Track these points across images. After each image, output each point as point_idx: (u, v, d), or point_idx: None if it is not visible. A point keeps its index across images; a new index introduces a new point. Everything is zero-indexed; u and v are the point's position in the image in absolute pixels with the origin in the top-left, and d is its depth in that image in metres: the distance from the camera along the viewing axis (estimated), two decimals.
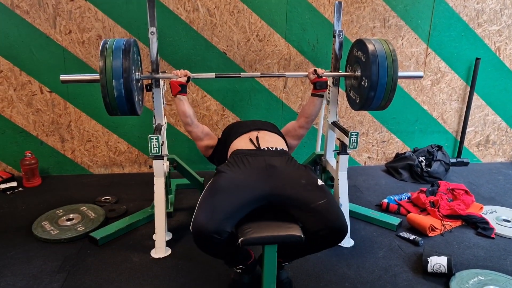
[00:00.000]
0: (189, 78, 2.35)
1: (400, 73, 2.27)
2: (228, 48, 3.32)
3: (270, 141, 2.17)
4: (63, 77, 2.20)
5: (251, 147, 2.09)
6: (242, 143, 2.14)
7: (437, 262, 2.17)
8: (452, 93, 3.72)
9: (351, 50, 2.52)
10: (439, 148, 3.65)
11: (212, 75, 2.50)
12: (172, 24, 3.20)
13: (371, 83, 2.20)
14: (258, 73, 2.48)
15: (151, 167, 2.41)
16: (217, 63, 3.35)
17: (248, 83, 3.43)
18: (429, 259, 2.20)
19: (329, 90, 2.75)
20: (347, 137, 2.34)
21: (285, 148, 2.19)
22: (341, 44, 2.60)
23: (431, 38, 3.52)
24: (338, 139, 2.54)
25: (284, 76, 2.56)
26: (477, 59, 3.56)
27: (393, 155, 3.83)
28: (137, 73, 2.23)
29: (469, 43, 3.57)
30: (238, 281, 2.02)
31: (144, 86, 2.48)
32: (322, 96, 2.47)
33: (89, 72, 3.20)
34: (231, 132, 2.29)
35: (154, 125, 2.57)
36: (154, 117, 2.58)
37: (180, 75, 2.33)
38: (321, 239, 1.79)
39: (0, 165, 3.38)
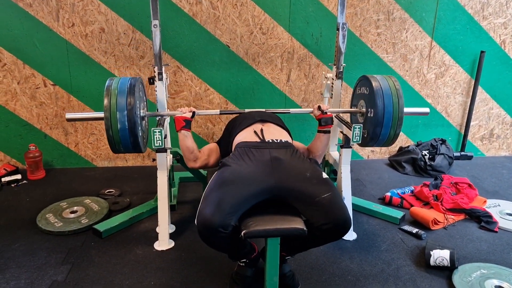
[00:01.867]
0: (194, 113, 2.30)
1: (405, 110, 2.28)
2: (231, 41, 3.31)
3: (274, 133, 2.16)
4: (69, 115, 2.23)
5: (256, 139, 2.08)
6: (246, 135, 2.13)
7: (440, 256, 2.17)
8: (456, 86, 3.70)
9: (355, 87, 2.56)
10: (443, 141, 3.64)
11: (217, 111, 2.49)
12: (175, 17, 3.19)
13: (377, 118, 2.24)
14: (263, 109, 2.46)
15: (154, 160, 2.41)
16: (220, 56, 3.34)
17: (251, 76, 3.42)
18: (432, 253, 2.20)
19: (332, 83, 2.74)
20: (351, 130, 2.34)
21: (290, 141, 2.17)
22: (344, 37, 2.59)
23: (435, 31, 3.49)
24: (341, 132, 2.54)
25: (289, 113, 2.54)
26: (482, 52, 3.54)
27: (396, 148, 3.82)
28: (141, 111, 2.23)
29: (474, 36, 3.54)
30: (241, 274, 2.03)
31: (148, 79, 2.48)
32: (329, 132, 2.34)
33: (91, 65, 3.23)
34: (235, 125, 2.27)
35: (157, 118, 2.57)
36: (157, 110, 2.58)
37: (184, 111, 2.29)
38: (325, 232, 1.79)
39: (5, 158, 3.40)
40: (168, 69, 3.26)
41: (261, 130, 2.14)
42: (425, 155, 3.53)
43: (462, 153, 3.83)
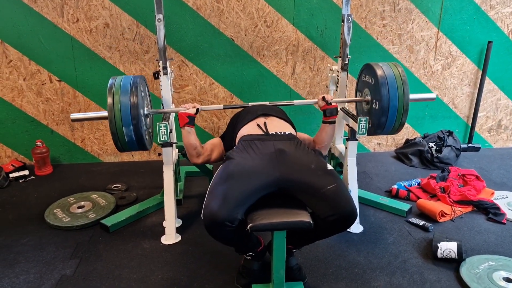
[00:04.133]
0: (197, 110, 2.29)
1: (411, 96, 2.25)
2: (236, 35, 3.30)
3: (278, 126, 2.15)
4: (73, 116, 2.22)
5: (259, 132, 2.07)
6: (250, 128, 2.13)
7: (447, 248, 2.16)
8: (463, 77, 3.66)
9: (359, 75, 2.52)
10: (450, 133, 3.61)
11: (221, 106, 2.48)
12: (179, 11, 3.18)
13: (382, 107, 2.21)
14: (267, 103, 2.45)
15: (160, 154, 2.42)
16: (225, 50, 3.33)
17: (256, 70, 3.41)
18: (439, 245, 2.19)
19: (337, 76, 2.72)
20: (356, 123, 2.33)
21: (293, 133, 2.17)
22: (349, 29, 2.57)
23: (442, 21, 3.45)
24: (347, 125, 2.53)
25: (293, 104, 2.52)
26: (489, 42, 3.50)
27: (403, 141, 3.79)
28: (145, 109, 2.23)
29: (481, 26, 3.50)
30: (248, 267, 2.03)
31: (152, 74, 2.48)
32: (333, 122, 2.35)
33: (97, 60, 3.24)
34: (239, 119, 2.28)
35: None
36: (162, 105, 2.58)
37: (188, 107, 2.29)
38: (331, 224, 1.79)
39: (12, 154, 3.42)
40: (172, 63, 3.26)
41: (265, 123, 2.14)
42: (432, 147, 3.51)
43: (470, 144, 3.79)
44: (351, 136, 2.42)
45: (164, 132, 2.23)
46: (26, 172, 3.25)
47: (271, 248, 1.84)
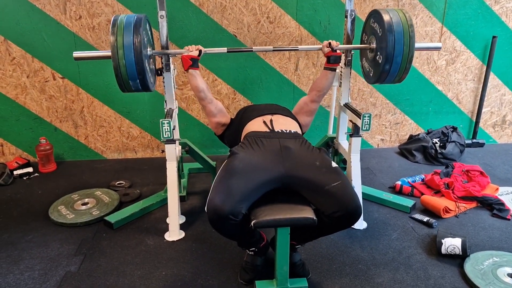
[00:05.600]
0: (200, 51, 2.33)
1: (417, 44, 2.21)
2: (239, 31, 3.29)
3: (284, 123, 2.16)
4: (76, 54, 2.21)
5: (265, 129, 2.08)
6: (255, 125, 2.14)
7: (452, 244, 2.16)
8: (467, 72, 3.64)
9: (366, 20, 2.46)
10: (454, 129, 3.59)
11: (224, 49, 2.48)
12: (181, 7, 3.18)
13: (387, 54, 2.16)
14: (271, 47, 2.48)
15: (163, 151, 2.42)
16: (227, 46, 3.30)
17: (259, 66, 3.40)
18: (443, 241, 2.18)
19: (341, 72, 2.71)
20: (360, 119, 2.32)
21: (299, 131, 2.18)
22: (353, 24, 2.56)
23: (446, 16, 3.43)
24: (351, 121, 2.52)
25: (297, 50, 2.54)
26: (494, 37, 3.47)
27: (407, 137, 3.78)
28: (148, 49, 2.23)
29: (485, 21, 3.47)
30: (251, 263, 2.03)
31: (155, 71, 2.48)
32: (335, 70, 2.43)
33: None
34: (245, 115, 2.28)
35: (166, 110, 2.57)
36: (165, 102, 2.58)
37: (191, 49, 2.32)
38: (335, 221, 1.79)
39: (16, 152, 3.44)
40: (175, 60, 3.25)
41: (271, 120, 2.15)
42: (436, 143, 3.49)
43: (474, 140, 3.78)
44: (355, 132, 2.42)
45: (167, 129, 2.23)
46: (30, 169, 3.26)
47: (275, 244, 1.84)
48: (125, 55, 2.00)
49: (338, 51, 2.40)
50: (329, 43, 2.38)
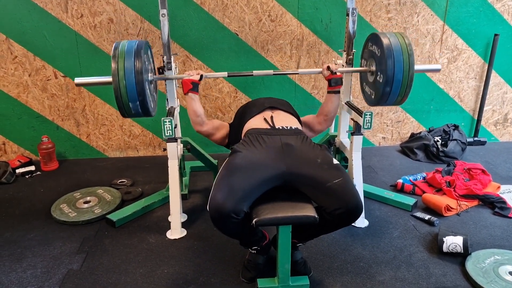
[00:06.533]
0: (201, 76, 2.31)
1: (416, 67, 2.20)
2: (240, 29, 3.29)
3: (284, 120, 2.16)
4: (77, 80, 2.20)
5: (266, 126, 2.08)
6: (256, 122, 2.13)
7: (453, 242, 2.16)
8: (469, 71, 3.63)
9: (365, 44, 2.46)
10: (456, 127, 3.59)
11: (225, 74, 2.48)
12: (183, 5, 3.18)
13: (387, 78, 2.15)
14: (271, 71, 2.46)
15: (165, 149, 2.42)
16: (229, 45, 3.32)
17: (260, 64, 3.39)
18: (444, 239, 2.18)
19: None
20: (361, 117, 2.32)
21: (300, 127, 2.17)
22: (354, 23, 2.55)
23: (447, 14, 3.42)
24: (352, 119, 2.52)
25: (297, 74, 2.53)
26: (496, 35, 3.46)
27: (408, 135, 3.78)
28: (150, 75, 2.23)
29: (487, 19, 3.46)
30: (253, 261, 2.04)
31: (157, 69, 2.48)
32: (338, 92, 2.39)
33: (101, 56, 3.24)
34: (245, 112, 2.27)
35: (167, 108, 2.57)
36: (167, 100, 2.59)
37: (192, 73, 2.30)
38: (337, 218, 1.79)
39: (18, 150, 3.44)
40: (177, 58, 3.26)
41: (271, 117, 2.15)
42: (438, 141, 3.49)
43: (476, 138, 3.77)
44: (356, 130, 2.42)
45: (169, 127, 2.23)
46: (32, 168, 3.27)
47: (276, 242, 1.84)
48: (125, 76, 1.99)
49: (338, 73, 2.36)
50: (328, 67, 2.35)
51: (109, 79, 2.05)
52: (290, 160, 1.86)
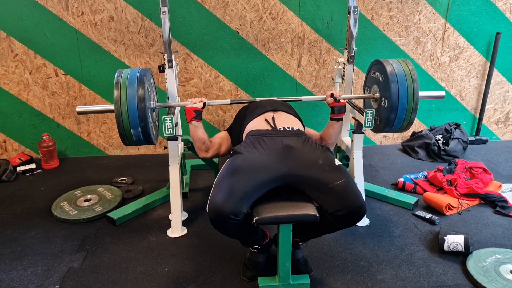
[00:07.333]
0: (204, 104, 2.27)
1: (421, 94, 2.22)
2: (241, 27, 3.28)
3: (286, 121, 2.14)
4: (79, 108, 2.20)
5: (267, 127, 2.06)
6: (257, 123, 2.12)
7: (454, 241, 2.15)
8: (471, 69, 3.62)
9: (368, 71, 2.47)
10: (457, 126, 3.58)
11: (228, 101, 2.46)
12: (183, 3, 3.17)
13: (392, 103, 2.17)
14: (274, 98, 2.43)
15: (165, 148, 2.42)
16: (230, 43, 3.31)
17: (262, 62, 3.39)
18: (445, 238, 2.18)
19: (344, 68, 2.70)
20: (363, 115, 2.31)
21: (301, 129, 2.15)
22: (356, 21, 2.54)
23: (449, 12, 3.41)
24: (353, 117, 2.51)
25: (301, 101, 2.50)
26: (498, 33, 3.45)
27: (410, 133, 3.77)
28: (152, 102, 2.22)
29: (489, 17, 3.45)
30: (254, 260, 2.03)
31: (158, 68, 2.47)
32: (341, 120, 2.32)
33: (102, 54, 3.24)
34: (246, 114, 2.26)
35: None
36: (168, 99, 2.58)
37: (195, 101, 2.26)
38: (340, 219, 1.79)
39: (19, 148, 3.44)
40: (178, 56, 3.25)
41: (273, 118, 2.13)
42: (439, 139, 3.48)
43: (477, 137, 3.76)
44: (357, 129, 2.41)
45: (169, 125, 2.23)
46: (33, 166, 3.27)
47: (277, 241, 1.84)
48: (127, 102, 2.00)
49: (341, 100, 2.30)
50: (332, 94, 2.30)
51: (111, 107, 2.07)
52: (291, 162, 1.85)
